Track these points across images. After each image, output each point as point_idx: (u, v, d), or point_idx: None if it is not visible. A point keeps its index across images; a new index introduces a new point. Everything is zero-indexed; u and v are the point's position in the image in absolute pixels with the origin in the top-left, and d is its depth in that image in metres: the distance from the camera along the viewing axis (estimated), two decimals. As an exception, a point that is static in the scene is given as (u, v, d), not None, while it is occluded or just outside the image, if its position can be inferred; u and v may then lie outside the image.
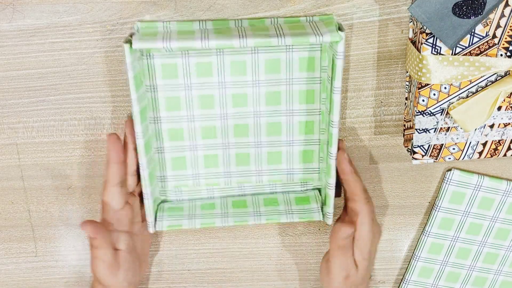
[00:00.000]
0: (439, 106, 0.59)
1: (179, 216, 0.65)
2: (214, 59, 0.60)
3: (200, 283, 0.74)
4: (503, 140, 0.62)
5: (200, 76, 0.61)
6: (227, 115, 0.63)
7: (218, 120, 0.63)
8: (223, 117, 0.63)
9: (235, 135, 0.64)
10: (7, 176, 0.66)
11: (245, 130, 0.64)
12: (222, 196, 0.68)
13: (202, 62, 0.60)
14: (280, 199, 0.67)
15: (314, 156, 0.66)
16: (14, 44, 0.59)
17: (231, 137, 0.64)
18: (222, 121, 0.63)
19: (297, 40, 0.54)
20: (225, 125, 0.64)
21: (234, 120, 0.64)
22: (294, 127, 0.64)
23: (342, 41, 0.54)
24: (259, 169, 0.67)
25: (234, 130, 0.64)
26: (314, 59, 0.61)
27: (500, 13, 0.54)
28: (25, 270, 0.71)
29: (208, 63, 0.60)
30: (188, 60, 0.60)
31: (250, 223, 0.64)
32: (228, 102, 0.62)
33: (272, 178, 0.68)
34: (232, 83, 0.61)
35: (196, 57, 0.60)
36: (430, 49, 0.56)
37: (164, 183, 0.66)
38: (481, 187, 0.68)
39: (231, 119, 0.63)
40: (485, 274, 0.74)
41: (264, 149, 0.66)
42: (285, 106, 0.63)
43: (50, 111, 0.63)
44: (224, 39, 0.53)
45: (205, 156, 0.65)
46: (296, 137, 0.65)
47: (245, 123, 0.64)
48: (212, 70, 0.61)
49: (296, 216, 0.65)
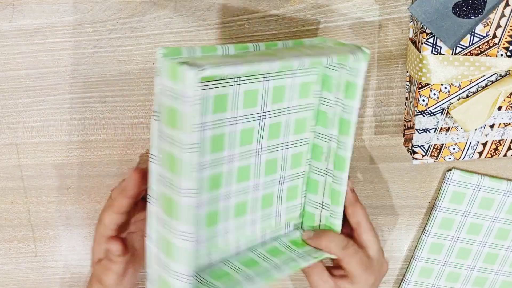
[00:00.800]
0: (439, 106, 0.59)
1: None
2: (231, 90, 0.50)
3: (200, 283, 0.74)
4: (503, 140, 0.62)
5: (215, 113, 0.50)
6: (234, 157, 0.53)
7: (225, 164, 0.53)
8: (229, 160, 0.53)
9: (238, 181, 0.55)
10: (7, 176, 0.66)
11: (247, 173, 0.55)
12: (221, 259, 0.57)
13: (219, 95, 0.50)
14: (278, 247, 0.59)
15: (298, 191, 0.60)
16: (14, 44, 0.59)
17: (234, 184, 0.55)
18: (229, 164, 0.53)
19: (337, 58, 0.49)
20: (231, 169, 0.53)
21: (240, 162, 0.54)
22: (287, 161, 0.57)
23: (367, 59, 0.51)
24: (254, 218, 0.57)
25: (238, 175, 0.54)
26: (308, 84, 0.55)
27: (500, 13, 0.54)
28: (25, 270, 0.71)
29: (224, 95, 0.50)
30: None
31: (277, 277, 0.54)
32: (236, 142, 0.53)
33: (264, 226, 0.59)
34: (244, 118, 0.52)
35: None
36: (430, 49, 0.56)
37: None
38: (481, 187, 0.68)
39: (237, 162, 0.53)
40: (485, 274, 0.74)
41: (260, 192, 0.57)
42: (282, 139, 0.56)
43: (50, 111, 0.63)
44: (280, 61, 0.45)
45: None
46: (288, 173, 0.58)
47: (248, 164, 0.54)
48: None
49: (310, 258, 0.58)
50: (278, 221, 0.60)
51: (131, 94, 0.62)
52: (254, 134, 0.53)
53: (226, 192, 0.54)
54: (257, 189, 0.56)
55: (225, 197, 0.54)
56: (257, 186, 0.55)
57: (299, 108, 0.56)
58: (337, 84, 0.55)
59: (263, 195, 0.57)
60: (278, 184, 0.58)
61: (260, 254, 0.58)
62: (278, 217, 0.60)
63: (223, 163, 0.52)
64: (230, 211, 0.55)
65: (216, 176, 0.52)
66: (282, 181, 0.57)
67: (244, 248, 0.58)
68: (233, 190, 0.54)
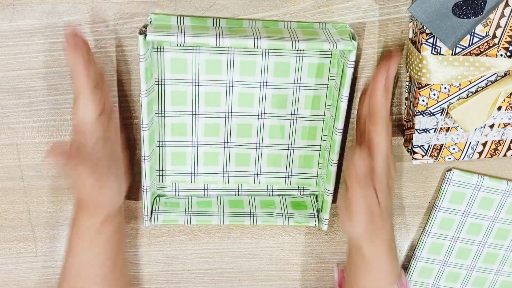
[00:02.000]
0: (439, 106, 0.59)
1: (175, 211, 0.65)
2: (224, 58, 0.60)
3: (200, 283, 0.74)
4: (503, 140, 0.62)
5: (208, 73, 0.61)
6: (232, 114, 0.63)
7: (222, 118, 0.63)
8: (227, 116, 0.63)
9: (238, 135, 0.64)
10: (7, 176, 0.66)
11: (248, 131, 0.64)
12: (218, 195, 0.68)
13: (212, 59, 0.60)
14: (276, 202, 0.68)
15: (313, 162, 0.66)
16: (14, 44, 0.59)
17: (234, 137, 0.65)
18: (226, 119, 0.63)
19: (311, 45, 0.54)
20: (229, 124, 0.64)
21: (238, 120, 0.64)
22: (297, 131, 0.65)
23: (354, 51, 0.55)
24: (258, 171, 0.67)
25: (237, 130, 0.64)
26: (323, 66, 0.61)
27: (500, 13, 0.54)
28: (25, 270, 0.71)
29: (218, 60, 0.60)
30: (198, 56, 0.60)
31: (246, 223, 0.64)
32: (234, 101, 0.62)
33: (270, 181, 0.68)
34: (240, 83, 0.62)
35: (206, 54, 0.60)
36: (430, 49, 0.56)
37: (162, 178, 0.66)
38: (481, 187, 0.68)
39: (236, 119, 0.63)
40: (485, 274, 0.74)
41: (265, 151, 0.66)
42: (290, 110, 0.63)
43: (50, 111, 0.63)
44: (239, 39, 0.53)
45: (206, 153, 0.65)
46: (298, 142, 0.65)
47: (249, 123, 0.64)
48: (222, 68, 0.61)
49: (291, 220, 0.65)
50: (288, 182, 0.68)
51: (131, 94, 0.62)
52: (254, 100, 0.62)
53: (229, 141, 0.65)
54: (260, 147, 0.65)
55: (225, 145, 0.65)
56: (260, 145, 0.65)
57: (311, 86, 0.62)
58: (338, 71, 0.60)
59: (268, 154, 0.66)
60: (286, 149, 0.66)
61: (253, 201, 0.67)
62: (289, 179, 0.68)
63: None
64: (231, 158, 0.66)
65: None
66: (292, 148, 0.66)
67: (246, 193, 0.69)
68: (234, 141, 0.65)
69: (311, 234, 0.72)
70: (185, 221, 0.64)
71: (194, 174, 0.66)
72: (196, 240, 0.71)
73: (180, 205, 0.66)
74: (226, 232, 0.71)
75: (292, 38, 0.54)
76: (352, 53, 0.55)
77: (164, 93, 0.61)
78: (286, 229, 0.71)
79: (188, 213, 0.65)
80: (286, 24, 0.59)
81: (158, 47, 0.59)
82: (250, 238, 0.71)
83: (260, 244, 0.72)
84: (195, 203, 0.67)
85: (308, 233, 0.72)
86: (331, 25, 0.59)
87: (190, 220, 0.64)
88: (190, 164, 0.66)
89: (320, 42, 0.54)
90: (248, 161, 0.66)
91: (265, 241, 0.72)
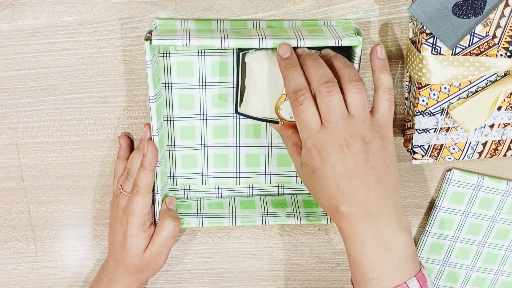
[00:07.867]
0: (439, 106, 0.59)
1: (187, 214, 0.65)
2: (230, 59, 0.61)
3: (200, 283, 0.74)
4: (503, 140, 0.62)
5: (215, 75, 0.61)
6: (240, 115, 0.63)
7: (230, 119, 0.64)
8: (235, 117, 0.64)
9: (247, 135, 0.65)
10: (7, 176, 0.66)
11: (257, 131, 0.65)
12: (230, 196, 0.68)
13: (218, 62, 0.61)
14: (288, 201, 0.68)
15: None
16: (14, 44, 0.59)
17: (243, 138, 0.65)
18: (235, 120, 0.64)
19: (316, 42, 0.54)
20: (237, 125, 0.64)
21: (247, 121, 0.64)
22: None
23: (360, 46, 0.55)
24: (269, 171, 0.67)
25: (246, 131, 0.64)
26: None
27: (500, 13, 0.54)
28: (25, 270, 0.71)
29: (224, 62, 0.61)
30: (204, 59, 0.60)
31: (258, 224, 0.65)
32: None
33: (281, 180, 0.68)
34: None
35: (212, 56, 0.60)
36: (430, 49, 0.56)
37: (173, 181, 0.66)
38: (481, 187, 0.68)
39: (244, 120, 0.64)
40: (485, 274, 0.74)
41: (275, 151, 0.66)
42: None
43: (50, 111, 0.63)
44: (244, 39, 0.54)
45: (215, 155, 0.65)
46: None
47: (258, 123, 0.64)
48: (228, 69, 0.61)
49: (303, 218, 0.66)
50: (299, 181, 0.68)
51: (131, 94, 0.62)
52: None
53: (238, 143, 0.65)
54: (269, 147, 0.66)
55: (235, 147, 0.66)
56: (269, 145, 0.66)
57: None
58: None
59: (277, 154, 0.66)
60: None
61: (264, 201, 0.68)
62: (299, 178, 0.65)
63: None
64: (241, 159, 0.66)
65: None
66: None
67: (257, 193, 0.69)
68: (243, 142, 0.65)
69: (311, 234, 0.72)
70: (197, 224, 0.64)
71: (205, 176, 0.67)
72: (196, 240, 0.71)
73: (192, 208, 0.66)
74: (226, 232, 0.71)
75: (297, 36, 0.55)
76: (358, 48, 0.55)
77: (172, 97, 0.62)
78: (286, 229, 0.71)
79: (200, 216, 0.65)
80: (290, 23, 0.59)
81: (164, 52, 0.60)
82: (250, 238, 0.71)
83: (260, 244, 0.72)
84: (207, 205, 0.67)
85: (308, 233, 0.72)
86: (335, 22, 0.59)
87: (202, 223, 0.64)
88: (201, 167, 0.66)
89: (325, 39, 0.54)
90: (258, 161, 0.66)
91: (265, 241, 0.72)
